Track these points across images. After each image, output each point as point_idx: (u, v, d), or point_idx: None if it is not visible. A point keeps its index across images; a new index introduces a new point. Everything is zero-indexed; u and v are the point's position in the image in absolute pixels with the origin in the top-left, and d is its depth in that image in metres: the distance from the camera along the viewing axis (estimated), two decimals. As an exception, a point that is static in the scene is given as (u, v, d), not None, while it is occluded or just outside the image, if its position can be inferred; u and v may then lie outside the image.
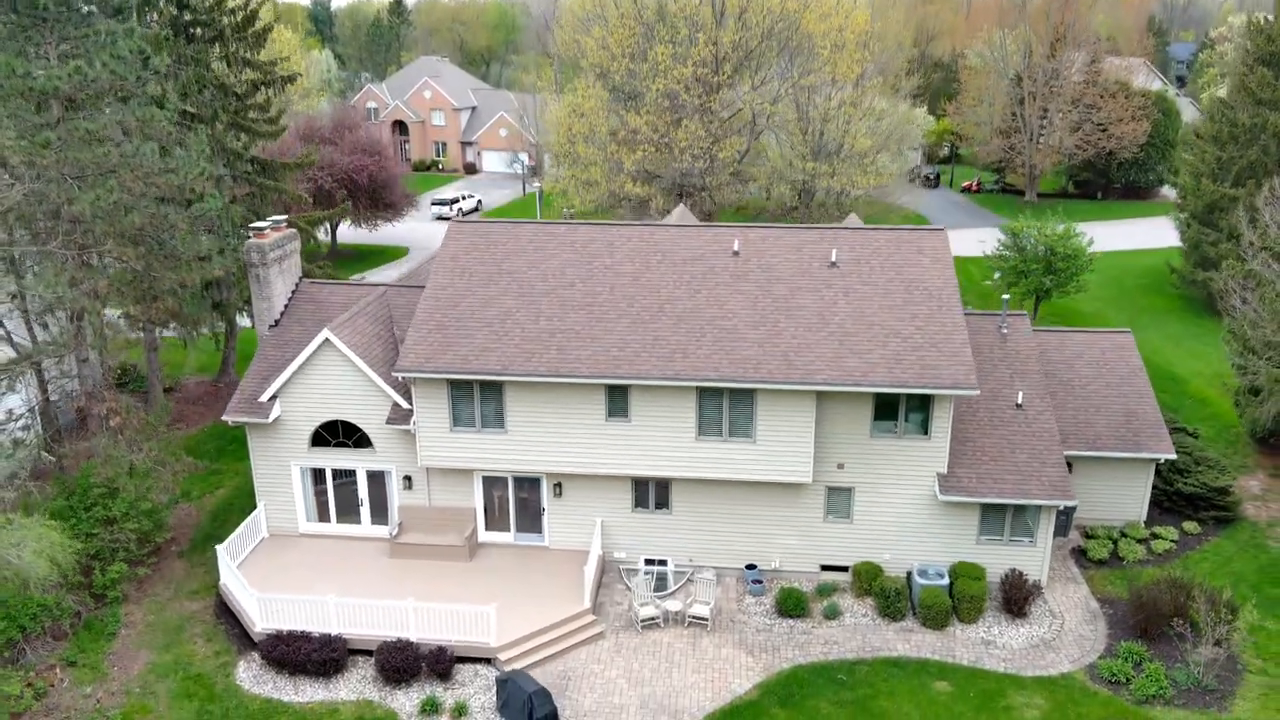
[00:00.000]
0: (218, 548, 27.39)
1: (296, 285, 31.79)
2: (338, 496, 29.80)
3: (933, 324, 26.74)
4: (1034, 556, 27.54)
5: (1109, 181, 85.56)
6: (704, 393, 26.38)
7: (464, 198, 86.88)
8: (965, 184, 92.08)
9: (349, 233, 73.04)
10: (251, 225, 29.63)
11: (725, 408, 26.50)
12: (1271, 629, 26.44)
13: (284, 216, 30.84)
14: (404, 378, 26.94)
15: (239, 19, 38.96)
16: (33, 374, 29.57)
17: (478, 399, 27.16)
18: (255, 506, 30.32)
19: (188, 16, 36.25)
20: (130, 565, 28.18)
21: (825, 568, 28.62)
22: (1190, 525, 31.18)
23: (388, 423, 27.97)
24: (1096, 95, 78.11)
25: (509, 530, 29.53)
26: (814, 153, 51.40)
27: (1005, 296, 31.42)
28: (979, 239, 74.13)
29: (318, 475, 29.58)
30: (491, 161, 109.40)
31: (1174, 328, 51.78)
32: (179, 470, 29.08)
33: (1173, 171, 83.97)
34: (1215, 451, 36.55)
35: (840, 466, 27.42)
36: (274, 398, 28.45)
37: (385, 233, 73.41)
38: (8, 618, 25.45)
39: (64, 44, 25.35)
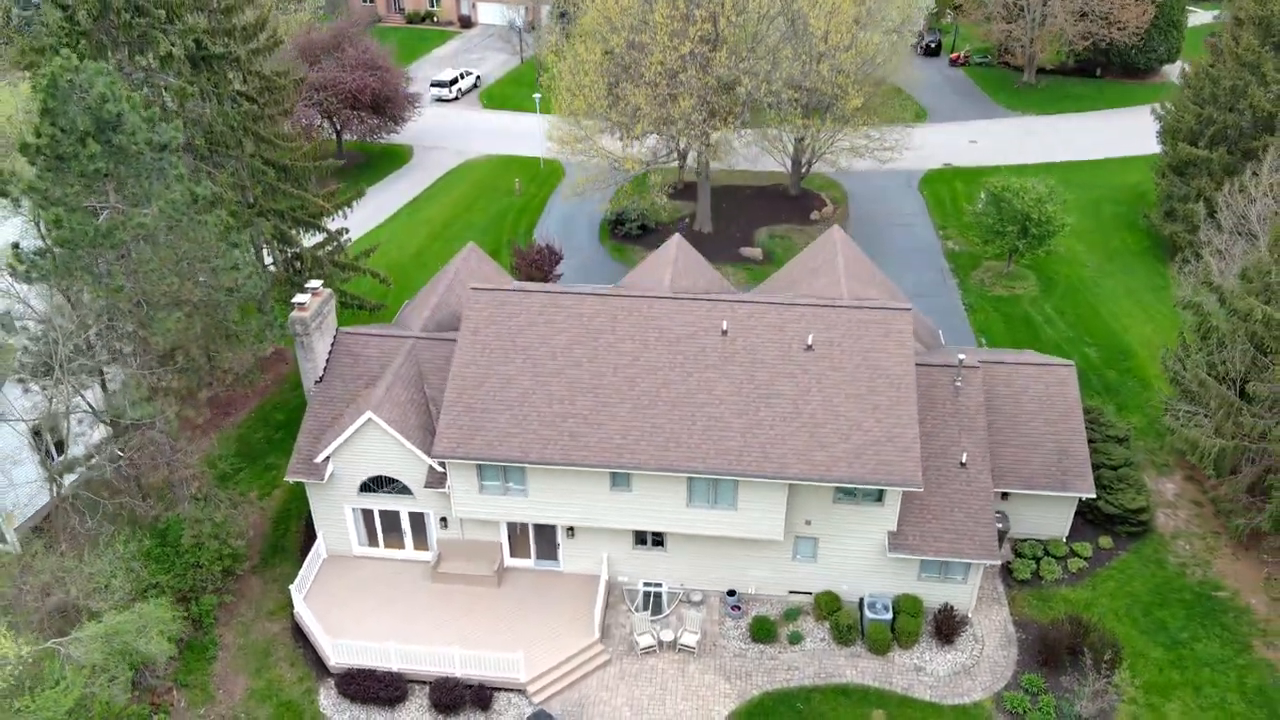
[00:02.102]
0: (291, 589, 33.22)
1: (334, 338, 35.77)
2: (384, 527, 35.24)
3: (890, 417, 31.15)
4: (964, 593, 33.40)
5: (1109, 61, 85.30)
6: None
7: (462, 76, 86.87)
8: (953, 55, 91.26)
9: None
10: (293, 300, 33.32)
11: (712, 485, 31.45)
12: (1149, 655, 32.70)
13: (319, 282, 34.35)
14: (439, 461, 31.72)
15: (250, 30, 40.44)
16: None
17: (502, 471, 32.04)
18: (311, 508, 35.77)
19: (203, 51, 37.83)
20: (217, 594, 34.06)
21: (793, 592, 34.57)
22: (1105, 540, 36.88)
23: (426, 486, 33.00)
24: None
25: (530, 557, 35.24)
26: (805, 110, 53.14)
27: (961, 356, 35.33)
28: (970, 137, 75.81)
29: (367, 512, 34.92)
30: (487, 13, 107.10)
31: (1138, 277, 55.26)
32: (249, 511, 34.34)
33: (1175, 52, 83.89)
34: (1144, 445, 41.71)
35: (808, 523, 32.74)
36: (327, 458, 33.29)
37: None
38: (128, 651, 31.52)
39: (121, 184, 28.18)
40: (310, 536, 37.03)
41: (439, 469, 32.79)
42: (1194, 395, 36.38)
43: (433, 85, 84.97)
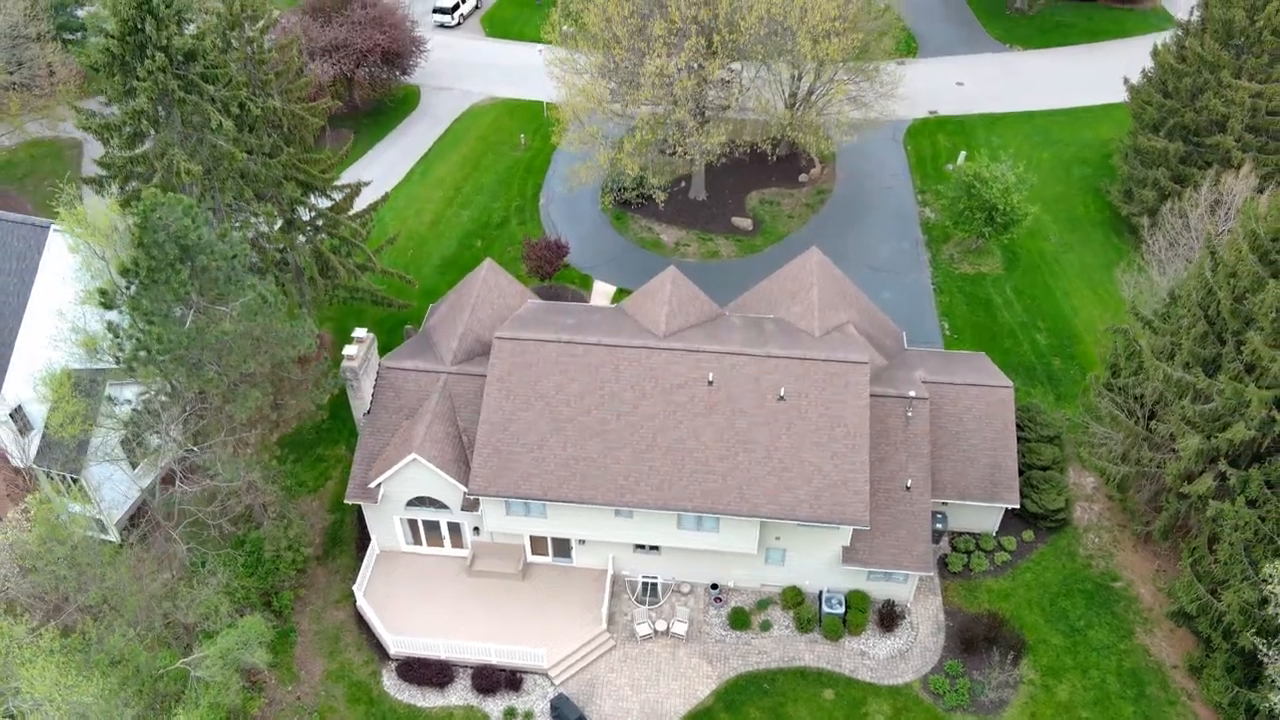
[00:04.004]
0: (355, 589, 40.66)
1: (378, 374, 41.73)
2: (426, 531, 42.35)
3: (846, 463, 37.65)
4: (904, 590, 40.88)
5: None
6: (683, 507, 38.09)
7: (462, 0, 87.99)
8: None
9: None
10: (343, 352, 39.19)
11: (698, 515, 38.32)
12: (1050, 642, 40.48)
13: (364, 329, 40.08)
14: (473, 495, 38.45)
15: (283, 75, 44.33)
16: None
17: (525, 501, 38.82)
18: (365, 516, 42.85)
19: (247, 114, 41.86)
20: (292, 589, 41.56)
21: (764, 585, 42.08)
22: (1028, 534, 44.06)
23: (462, 509, 39.87)
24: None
25: (548, 555, 42.54)
26: (791, 108, 56.82)
27: (912, 393, 41.28)
28: (957, 78, 78.47)
29: (412, 521, 41.94)
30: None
31: (1095, 250, 60.22)
32: (314, 521, 41.33)
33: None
34: (1074, 438, 48.16)
35: (777, 538, 39.82)
36: (379, 485, 40.00)
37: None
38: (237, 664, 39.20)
39: (204, 290, 33.50)
40: (363, 527, 44.17)
41: (473, 495, 39.53)
42: (1108, 423, 42.65)
43: (435, 11, 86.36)
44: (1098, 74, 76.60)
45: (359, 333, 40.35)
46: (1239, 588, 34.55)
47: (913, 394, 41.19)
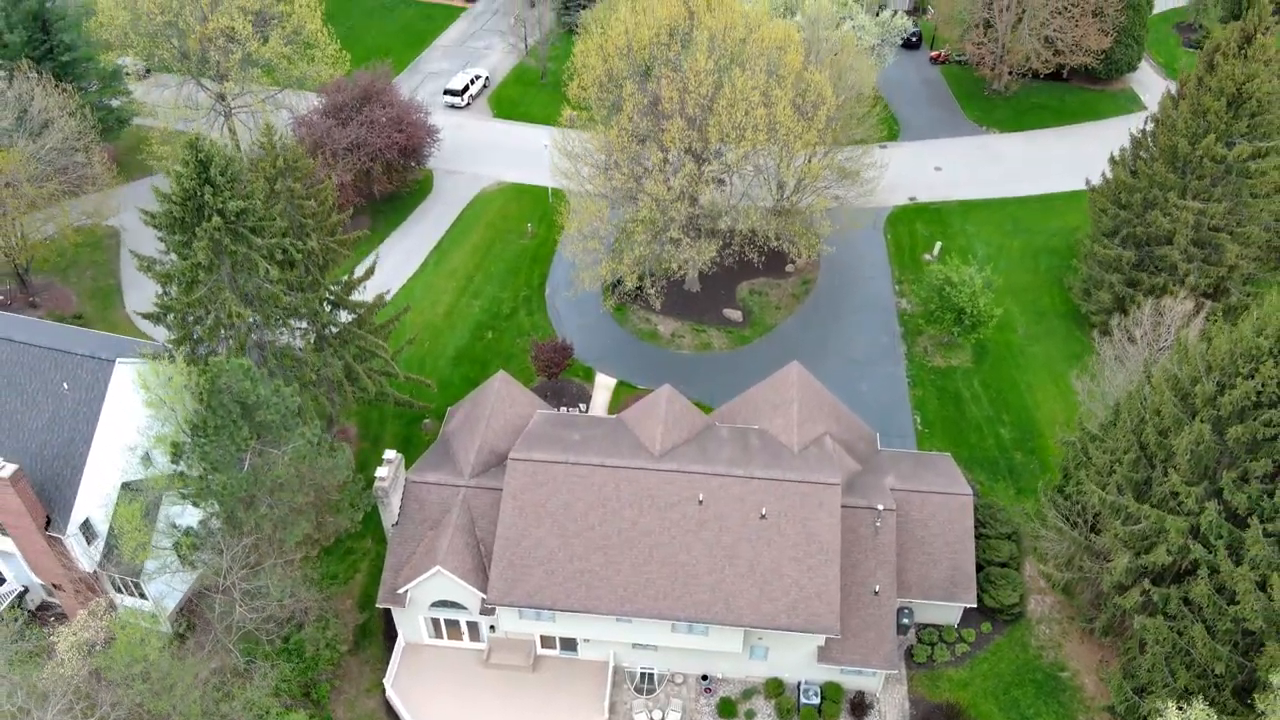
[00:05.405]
0: (385, 683, 45.73)
1: (404, 488, 46.85)
2: (447, 626, 47.43)
3: (819, 577, 42.75)
4: (873, 682, 45.96)
5: (1073, 69, 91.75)
6: (676, 614, 43.20)
7: (472, 82, 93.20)
8: (933, 54, 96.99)
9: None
10: (375, 475, 44.36)
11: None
12: (1003, 729, 45.57)
13: (393, 452, 45.23)
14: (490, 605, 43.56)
15: (320, 208, 49.57)
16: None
17: (538, 608, 43.95)
18: (393, 614, 47.93)
19: (288, 257, 47.02)
20: (329, 681, 46.65)
21: (749, 677, 47.17)
22: (986, 626, 49.13)
23: (480, 613, 44.96)
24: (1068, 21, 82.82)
25: (556, 649, 47.63)
26: (776, 212, 62.08)
27: (880, 506, 46.38)
28: (936, 163, 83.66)
29: (435, 619, 47.02)
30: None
31: (1058, 342, 65.38)
32: (347, 620, 46.43)
33: (1137, 60, 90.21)
34: (1030, 531, 53.23)
35: (760, 638, 44.91)
36: (406, 591, 45.10)
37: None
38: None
39: (261, 439, 38.78)
40: (389, 620, 49.20)
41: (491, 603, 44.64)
42: (1055, 532, 47.73)
43: (445, 93, 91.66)
44: (1068, 159, 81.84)
45: (389, 454, 45.46)
46: (1160, 694, 39.60)
47: (880, 507, 46.28)
